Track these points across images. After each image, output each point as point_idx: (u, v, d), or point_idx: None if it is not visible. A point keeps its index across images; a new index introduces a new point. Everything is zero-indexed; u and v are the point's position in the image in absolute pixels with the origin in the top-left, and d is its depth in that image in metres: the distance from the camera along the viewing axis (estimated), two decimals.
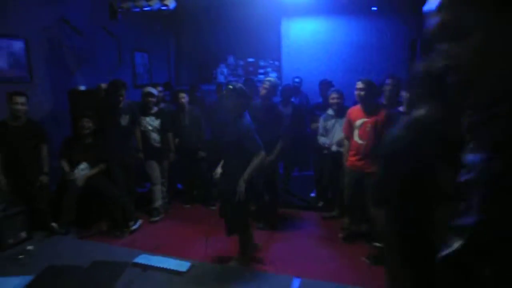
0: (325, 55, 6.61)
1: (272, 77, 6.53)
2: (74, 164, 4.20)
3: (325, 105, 4.81)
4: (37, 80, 4.92)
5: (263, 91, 4.36)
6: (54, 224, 3.95)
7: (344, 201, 4.19)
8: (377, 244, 3.71)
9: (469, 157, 0.66)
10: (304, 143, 5.57)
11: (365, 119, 3.81)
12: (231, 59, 7.15)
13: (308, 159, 5.80)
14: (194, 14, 6.42)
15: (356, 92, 3.87)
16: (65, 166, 4.19)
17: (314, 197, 5.26)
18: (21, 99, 3.96)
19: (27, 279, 3.07)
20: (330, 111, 4.51)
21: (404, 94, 3.86)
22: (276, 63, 6.93)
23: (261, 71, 6.96)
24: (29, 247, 3.63)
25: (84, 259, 3.40)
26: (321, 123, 4.60)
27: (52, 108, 5.12)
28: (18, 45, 4.69)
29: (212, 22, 6.54)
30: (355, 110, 3.95)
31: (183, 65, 7.64)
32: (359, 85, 3.79)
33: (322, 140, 4.58)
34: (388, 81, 4.16)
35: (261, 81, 5.01)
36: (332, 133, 4.49)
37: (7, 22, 4.54)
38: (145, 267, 3.16)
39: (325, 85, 5.32)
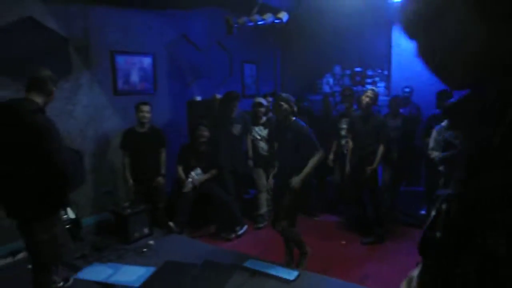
0: None
1: (379, 87, 6.32)
2: (189, 169, 4.57)
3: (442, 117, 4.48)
4: (160, 91, 5.48)
5: (365, 100, 4.29)
6: (171, 223, 4.33)
7: None
8: None
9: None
10: (415, 157, 5.26)
11: None
12: (337, 69, 7.08)
13: (419, 173, 5.46)
14: (300, 25, 6.52)
15: None
16: (181, 173, 4.57)
17: (425, 214, 4.91)
18: (146, 108, 4.47)
19: (150, 270, 3.42)
20: (445, 123, 4.18)
21: None
22: (385, 72, 6.66)
23: (369, 80, 6.76)
24: (151, 242, 4.03)
25: (196, 258, 3.66)
26: (433, 136, 4.30)
27: (172, 117, 5.65)
28: (147, 61, 5.30)
29: (318, 32, 6.57)
30: None
31: (289, 75, 7.79)
32: None
33: (434, 154, 4.27)
34: None
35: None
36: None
37: (139, 40, 5.16)
38: (254, 272, 3.28)
39: (444, 96, 4.93)
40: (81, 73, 4.54)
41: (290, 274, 3.17)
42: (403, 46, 6.43)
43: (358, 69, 6.88)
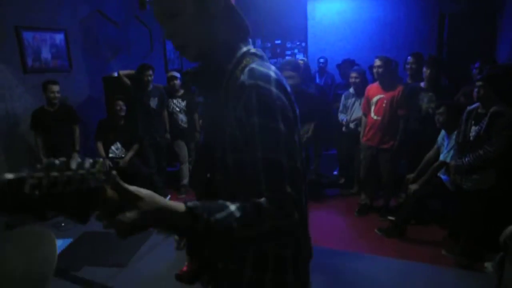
0: (351, 34, 6.59)
1: (298, 58, 6.62)
2: (108, 144, 4.59)
3: (347, 85, 4.84)
4: (76, 68, 5.36)
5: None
6: None
7: (360, 176, 4.30)
8: (390, 218, 3.80)
9: None
10: (329, 123, 5.64)
11: (382, 95, 3.90)
12: (258, 42, 7.28)
13: (332, 138, 5.88)
14: None
15: (373, 70, 3.96)
16: (101, 149, 4.57)
17: (337, 174, 5.36)
18: (55, 88, 4.36)
19: (67, 241, 3.50)
20: (351, 90, 4.56)
21: (425, 70, 3.87)
22: (303, 44, 6.98)
23: (288, 52, 7.05)
24: None
25: None
26: (342, 101, 4.67)
27: (90, 94, 5.57)
28: (59, 37, 5.13)
29: (239, 5, 6.69)
30: (373, 88, 4.04)
31: None
32: (377, 62, 3.90)
33: (341, 117, 4.65)
34: (410, 59, 4.17)
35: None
36: (351, 111, 4.55)
37: (48, 16, 4.97)
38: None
39: (347, 65, 5.33)
40: None
41: None
42: (317, 19, 6.77)
43: (278, 41, 7.14)
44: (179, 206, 0.77)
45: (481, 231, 3.03)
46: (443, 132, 3.48)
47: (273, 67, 0.93)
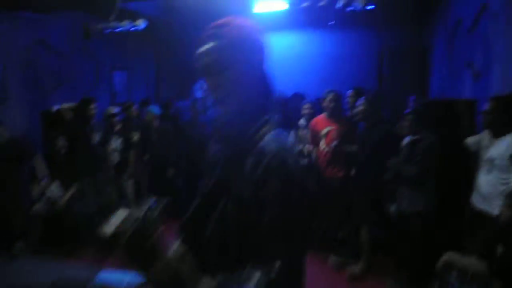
0: (299, 68, 6.78)
1: None
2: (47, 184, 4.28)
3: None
4: (11, 102, 5.02)
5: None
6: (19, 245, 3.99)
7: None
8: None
9: None
10: None
11: (331, 127, 4.01)
12: None
13: None
14: (171, 30, 6.56)
15: (326, 104, 4.04)
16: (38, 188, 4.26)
17: None
18: None
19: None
20: (302, 121, 4.61)
21: (360, 104, 3.88)
22: None
23: None
24: None
25: (47, 278, 3.46)
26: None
27: (26, 129, 5.22)
28: None
29: (189, 36, 6.66)
30: (320, 120, 4.12)
31: (163, 81, 7.75)
32: (330, 96, 4.00)
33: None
34: (350, 92, 4.36)
35: None
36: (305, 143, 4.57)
37: None
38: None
39: (296, 99, 5.40)
40: None
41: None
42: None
43: None
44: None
45: (421, 258, 3.02)
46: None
47: (289, 138, 1.09)
